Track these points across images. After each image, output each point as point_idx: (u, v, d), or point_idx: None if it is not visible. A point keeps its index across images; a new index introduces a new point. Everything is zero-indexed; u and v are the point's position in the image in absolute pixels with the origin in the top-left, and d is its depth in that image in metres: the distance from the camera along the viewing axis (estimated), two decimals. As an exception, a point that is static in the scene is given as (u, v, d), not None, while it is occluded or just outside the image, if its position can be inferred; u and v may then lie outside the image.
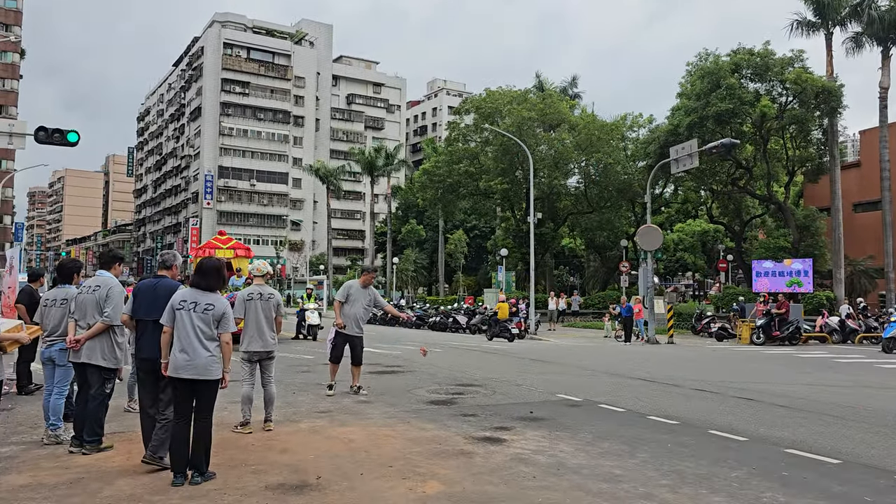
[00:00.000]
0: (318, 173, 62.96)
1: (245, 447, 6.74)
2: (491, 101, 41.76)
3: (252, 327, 7.66)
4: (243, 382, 7.69)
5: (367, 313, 10.10)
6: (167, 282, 6.06)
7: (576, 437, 7.32)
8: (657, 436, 7.48)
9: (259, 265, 8.11)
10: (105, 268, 6.73)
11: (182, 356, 5.43)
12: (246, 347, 7.67)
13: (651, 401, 9.95)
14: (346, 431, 7.50)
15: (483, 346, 21.27)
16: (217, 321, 5.54)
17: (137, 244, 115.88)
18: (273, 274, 8.67)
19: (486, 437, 7.26)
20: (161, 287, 5.96)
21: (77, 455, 6.39)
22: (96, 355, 6.40)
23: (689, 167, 21.42)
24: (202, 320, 5.50)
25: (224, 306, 5.59)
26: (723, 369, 14.84)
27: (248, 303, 7.72)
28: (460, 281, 64.82)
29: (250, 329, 7.66)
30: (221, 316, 5.56)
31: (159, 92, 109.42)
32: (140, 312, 5.95)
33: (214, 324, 5.52)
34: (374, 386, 11.13)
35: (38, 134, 18.50)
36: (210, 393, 5.58)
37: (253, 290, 7.85)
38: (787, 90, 34.57)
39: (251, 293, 7.82)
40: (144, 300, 5.96)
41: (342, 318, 9.84)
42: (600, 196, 42.86)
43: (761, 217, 46.12)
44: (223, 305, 5.60)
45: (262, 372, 7.79)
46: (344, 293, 9.99)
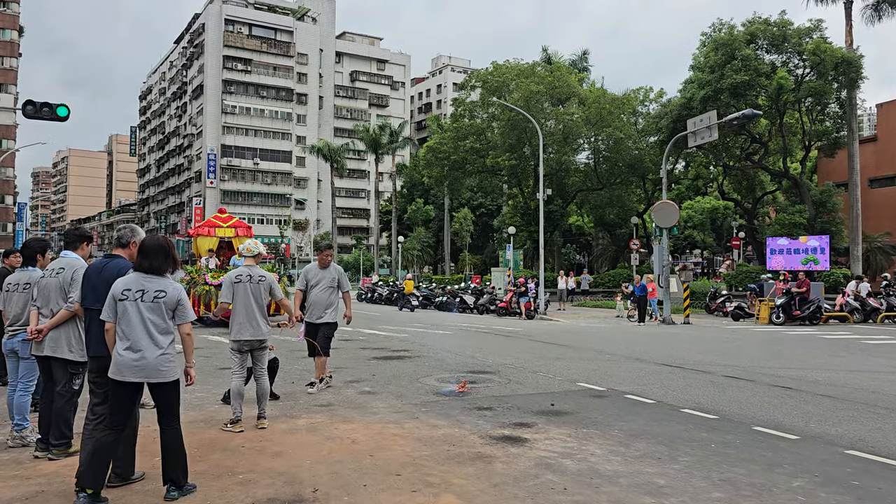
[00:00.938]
0: (321, 152, 61.97)
1: (234, 450, 5.96)
2: (498, 74, 40.58)
3: (241, 313, 6.85)
4: (232, 375, 6.90)
5: (333, 295, 8.72)
6: (117, 263, 5.08)
7: (606, 436, 6.52)
8: (696, 434, 6.67)
9: (249, 244, 7.22)
10: (70, 248, 5.91)
11: (128, 355, 4.54)
12: (235, 336, 6.86)
13: (681, 390, 9.14)
14: (348, 430, 6.71)
15: (493, 327, 20.49)
16: (172, 310, 4.66)
17: (142, 224, 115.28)
18: (265, 255, 7.70)
19: (506, 437, 6.46)
20: (107, 270, 5.01)
21: (42, 461, 5.64)
22: (62, 347, 5.61)
23: (707, 140, 20.45)
24: (153, 311, 4.60)
25: (178, 292, 4.71)
26: (749, 352, 14.01)
27: (236, 286, 6.91)
28: (466, 260, 64.01)
29: (239, 315, 6.85)
30: (177, 304, 4.68)
31: (161, 70, 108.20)
32: (86, 300, 5.07)
33: (169, 314, 4.65)
34: (379, 374, 10.36)
35: (27, 108, 17.73)
36: (170, 396, 4.74)
37: (241, 272, 7.01)
38: (804, 61, 33.35)
39: (239, 275, 6.99)
40: (89, 285, 5.07)
41: (309, 307, 8.65)
42: (610, 172, 41.81)
43: (773, 193, 45.03)
44: (177, 291, 4.71)
45: (253, 363, 7.01)
46: (303, 280, 8.81)
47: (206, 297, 17.37)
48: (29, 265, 6.34)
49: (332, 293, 8.73)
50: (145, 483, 4.99)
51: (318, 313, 8.61)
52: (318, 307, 8.61)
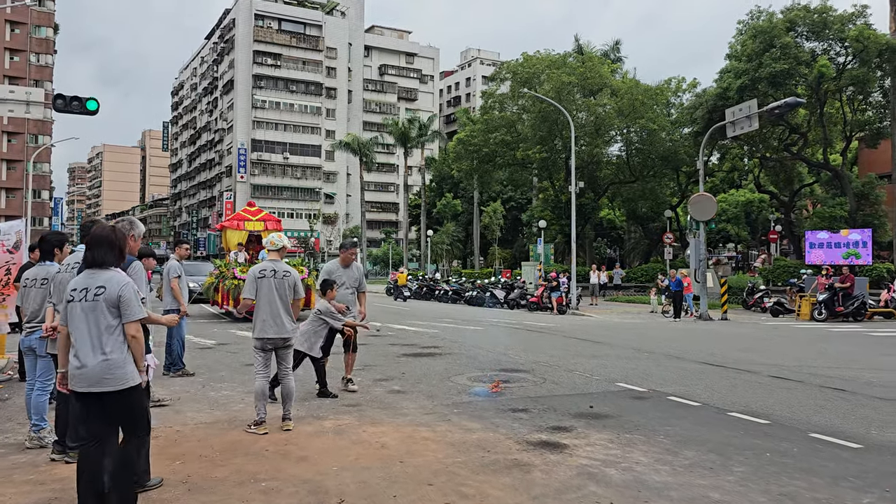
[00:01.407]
0: (350, 147, 61.87)
1: (257, 454, 5.66)
2: (528, 66, 39.96)
3: (265, 310, 6.52)
4: (256, 375, 6.59)
5: (353, 296, 8.47)
6: None
7: (651, 442, 6.10)
8: (748, 440, 6.22)
9: (273, 238, 6.88)
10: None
11: (73, 362, 3.99)
12: (258, 334, 6.53)
13: (727, 391, 8.67)
14: (376, 432, 6.38)
15: (525, 323, 20.08)
16: (114, 307, 3.99)
17: (174, 218, 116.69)
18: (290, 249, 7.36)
19: (543, 442, 6.08)
20: None
21: (59, 464, 5.40)
22: None
23: (746, 130, 19.74)
24: (94, 310, 3.98)
25: (120, 286, 4.02)
26: (793, 350, 13.43)
27: (259, 281, 6.57)
28: (496, 254, 63.50)
29: (262, 312, 6.53)
30: (118, 300, 3.99)
31: (192, 66, 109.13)
32: None
33: (111, 312, 4.00)
34: (409, 372, 10.03)
35: (57, 102, 17.65)
36: (123, 407, 4.02)
37: (266, 267, 6.68)
38: (846, 49, 32.29)
39: (263, 269, 6.65)
40: None
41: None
42: (643, 164, 40.98)
43: (810, 186, 43.84)
44: (118, 285, 4.02)
45: (278, 362, 6.69)
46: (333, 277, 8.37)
47: (235, 291, 17.13)
48: (47, 259, 6.12)
49: (353, 293, 8.50)
50: (162, 491, 4.71)
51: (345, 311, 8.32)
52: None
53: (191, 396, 8.07)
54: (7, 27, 69.03)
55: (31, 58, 70.43)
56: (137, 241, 4.80)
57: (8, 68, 68.01)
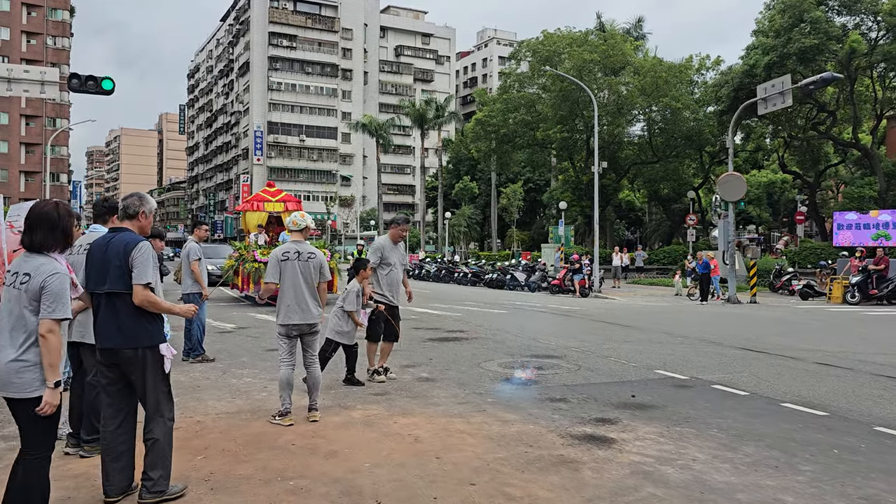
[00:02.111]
0: (366, 128, 61.37)
1: (283, 448, 5.29)
2: (549, 44, 39.15)
3: (289, 294, 6.11)
4: (280, 363, 6.19)
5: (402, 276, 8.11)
6: (123, 237, 4.07)
7: (704, 436, 5.67)
8: (810, 435, 5.77)
9: (296, 217, 6.45)
10: (99, 221, 5.29)
11: None
12: (283, 320, 6.11)
13: (774, 380, 8.20)
14: (408, 424, 5.99)
15: (549, 306, 19.62)
16: (35, 300, 3.36)
17: (191, 201, 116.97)
18: (313, 229, 6.88)
19: (588, 435, 5.66)
20: (113, 247, 4.04)
21: (73, 458, 5.06)
22: (90, 332, 4.98)
23: (779, 107, 19.04)
24: (18, 301, 3.39)
25: (45, 276, 3.37)
26: (833, 335, 12.90)
27: (283, 264, 6.14)
28: (514, 236, 62.96)
29: (287, 297, 6.10)
30: (39, 291, 3.35)
31: (208, 48, 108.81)
32: (90, 283, 4.14)
33: (31, 306, 3.37)
34: (437, 357, 9.64)
35: (72, 82, 17.34)
36: (27, 418, 3.40)
37: (289, 248, 6.24)
38: (878, 23, 31.31)
39: (286, 251, 6.22)
40: (93, 265, 4.15)
41: (383, 286, 7.81)
42: (666, 144, 40.18)
43: (835, 166, 42.85)
44: (44, 273, 3.39)
45: (304, 350, 6.28)
46: (377, 255, 7.80)
47: (256, 274, 16.67)
48: None
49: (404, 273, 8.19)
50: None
51: (397, 294, 7.98)
52: (396, 287, 7.96)
53: (212, 384, 7.73)
54: (24, 10, 68.94)
55: (48, 41, 70.36)
56: (149, 219, 4.36)
57: (25, 51, 67.99)
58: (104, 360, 4.13)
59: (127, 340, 4.02)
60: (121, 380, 4.13)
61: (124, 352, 4.03)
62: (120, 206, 4.36)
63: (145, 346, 4.06)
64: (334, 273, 16.31)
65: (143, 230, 4.28)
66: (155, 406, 4.12)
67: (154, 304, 4.05)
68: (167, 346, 4.18)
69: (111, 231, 4.32)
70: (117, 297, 4.02)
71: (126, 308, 4.02)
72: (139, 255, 4.00)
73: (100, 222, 5.26)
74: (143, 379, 4.08)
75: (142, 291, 3.98)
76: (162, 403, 4.15)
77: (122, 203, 4.36)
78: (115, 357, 4.06)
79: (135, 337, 4.03)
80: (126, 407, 4.18)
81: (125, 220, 4.30)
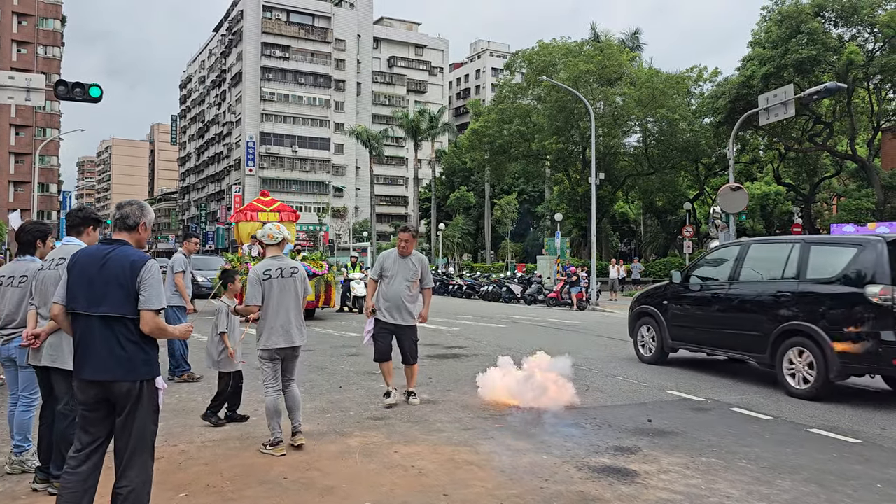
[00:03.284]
0: (359, 137, 61.01)
1: (275, 482, 4.81)
2: (544, 54, 38.93)
3: (273, 316, 5.59)
4: (266, 389, 5.65)
5: (412, 291, 7.31)
6: (126, 253, 3.59)
7: (733, 468, 5.21)
8: (847, 466, 5.33)
9: (271, 229, 5.82)
10: (73, 232, 4.79)
11: None
12: (267, 344, 5.58)
13: (795, 402, 7.74)
14: (411, 454, 5.52)
15: (548, 320, 19.18)
16: None
17: (182, 212, 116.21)
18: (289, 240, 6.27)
19: (608, 467, 5.20)
20: (115, 263, 3.54)
21: (42, 495, 4.58)
22: (63, 356, 4.50)
23: (782, 117, 18.74)
24: None
25: None
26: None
27: (265, 283, 5.59)
28: (508, 247, 62.57)
29: (270, 318, 5.58)
30: None
31: (200, 58, 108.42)
32: (77, 303, 3.57)
33: None
34: (437, 377, 9.18)
35: (59, 89, 16.84)
36: None
37: (269, 266, 5.67)
38: (875, 35, 31.19)
39: (267, 269, 5.64)
40: (84, 283, 3.55)
41: (379, 300, 7.28)
42: (662, 156, 39.94)
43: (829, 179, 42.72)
44: None
45: (282, 371, 5.74)
46: (377, 268, 7.39)
47: None
48: (27, 253, 5.22)
49: (413, 289, 7.32)
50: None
51: (394, 312, 7.22)
52: (394, 302, 7.21)
53: (198, 406, 7.21)
54: (14, 19, 68.39)
55: (39, 50, 69.80)
56: (148, 231, 3.83)
57: (15, 60, 67.32)
58: (92, 394, 3.51)
59: (126, 372, 3.47)
60: (106, 418, 3.55)
61: (121, 385, 3.47)
62: (116, 215, 3.78)
63: (144, 379, 3.52)
64: (332, 287, 15.82)
65: (140, 244, 3.76)
66: (140, 449, 3.52)
67: (164, 331, 3.61)
68: (161, 378, 3.67)
69: (105, 243, 3.72)
70: (117, 321, 3.48)
71: (127, 334, 3.49)
72: (149, 275, 3.51)
73: (74, 234, 4.77)
74: (135, 416, 3.50)
75: (153, 318, 3.49)
76: (147, 446, 3.58)
77: (120, 212, 3.76)
78: (108, 391, 3.48)
79: (134, 368, 3.49)
80: (103, 446, 3.61)
81: (122, 231, 3.74)
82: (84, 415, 3.57)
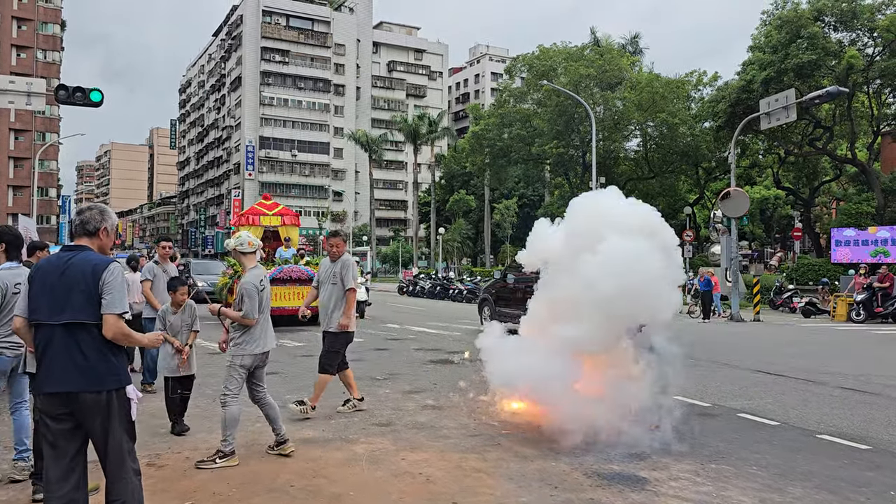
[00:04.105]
0: (358, 141, 61.01)
1: (282, 490, 4.76)
2: (545, 58, 38.98)
3: (263, 324, 5.62)
4: (232, 399, 5.46)
5: (335, 296, 7.01)
6: (88, 258, 3.44)
7: (744, 475, 5.16)
8: (858, 473, 5.28)
9: (247, 237, 5.75)
10: None
11: None
12: (257, 349, 5.50)
13: (801, 407, 7.72)
14: (418, 461, 5.47)
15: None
16: None
17: (182, 216, 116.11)
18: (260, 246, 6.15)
19: (617, 474, 5.15)
20: (75, 268, 3.39)
21: (46, 504, 4.49)
22: None
23: (784, 121, 18.76)
24: None
25: None
26: (848, 356, 12.47)
27: (262, 294, 5.56)
28: (507, 252, 62.52)
29: (260, 326, 5.57)
30: None
31: (200, 63, 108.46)
32: (39, 313, 3.39)
33: None
34: (441, 382, 9.12)
35: (59, 93, 16.86)
36: None
37: (261, 276, 5.65)
38: (875, 39, 31.25)
39: (262, 279, 5.62)
40: (45, 291, 3.40)
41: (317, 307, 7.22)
42: (662, 160, 39.97)
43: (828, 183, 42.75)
44: None
45: (256, 380, 5.68)
46: (317, 277, 7.38)
47: None
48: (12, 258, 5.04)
49: (336, 294, 7.01)
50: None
51: (323, 318, 7.09)
52: (322, 311, 7.10)
53: (201, 412, 7.17)
54: (14, 23, 68.38)
55: (38, 54, 69.78)
56: (111, 237, 3.68)
57: (15, 65, 67.32)
58: (55, 407, 3.32)
59: (90, 382, 3.29)
60: (75, 429, 3.35)
61: (85, 396, 3.29)
62: (76, 221, 3.63)
63: (111, 389, 3.33)
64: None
65: (103, 250, 3.59)
66: (119, 462, 3.36)
67: (128, 336, 3.41)
68: (133, 387, 3.48)
69: (66, 250, 3.55)
70: (80, 328, 3.32)
71: (91, 342, 3.32)
72: (111, 278, 3.37)
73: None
74: (107, 429, 3.32)
75: (116, 322, 3.32)
76: (127, 459, 3.40)
77: (80, 217, 3.60)
78: (73, 403, 3.30)
79: (99, 378, 3.31)
80: (81, 462, 3.39)
81: (83, 236, 3.56)
82: (50, 428, 3.33)
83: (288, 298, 15.58)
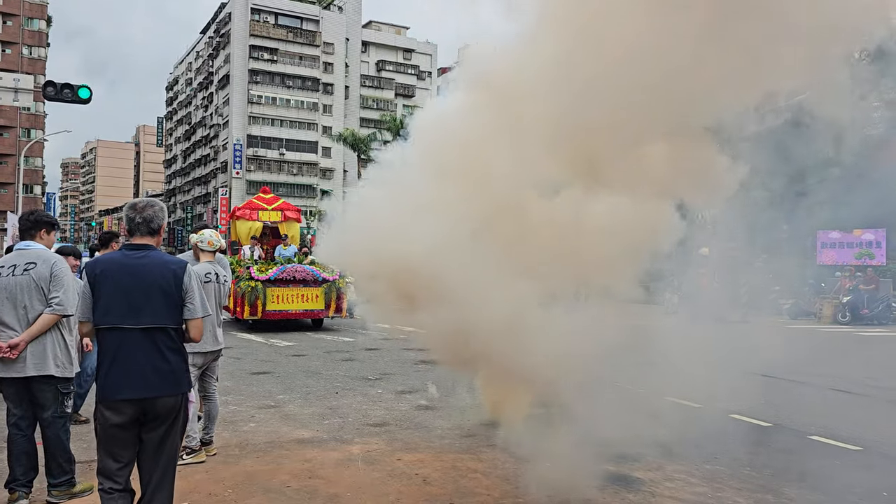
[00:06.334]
0: (346, 141, 60.84)
1: (278, 491, 4.75)
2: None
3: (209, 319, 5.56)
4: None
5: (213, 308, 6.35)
6: (163, 259, 3.45)
7: (738, 476, 5.21)
8: (850, 473, 5.33)
9: (209, 235, 5.77)
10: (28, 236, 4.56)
11: None
12: (199, 347, 5.35)
13: (794, 409, 7.78)
14: (414, 461, 5.46)
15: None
16: None
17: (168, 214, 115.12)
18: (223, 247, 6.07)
19: (612, 474, 5.18)
20: (153, 270, 3.37)
21: (39, 507, 4.46)
22: (47, 363, 4.38)
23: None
24: None
25: None
26: (837, 357, 12.61)
27: (206, 286, 5.45)
28: (496, 252, 62.68)
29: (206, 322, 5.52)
30: None
31: (187, 60, 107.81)
32: (112, 314, 3.29)
33: None
34: (433, 382, 9.11)
35: (47, 90, 16.74)
36: None
37: (209, 269, 5.61)
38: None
39: (208, 273, 5.58)
40: (118, 292, 3.31)
41: None
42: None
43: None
44: None
45: (206, 379, 5.71)
46: None
47: (252, 294, 14.26)
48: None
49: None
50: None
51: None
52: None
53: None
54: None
55: (24, 50, 68.99)
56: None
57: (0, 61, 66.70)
58: (129, 414, 3.27)
59: (171, 386, 3.33)
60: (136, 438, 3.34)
61: (165, 400, 3.31)
62: (136, 218, 3.49)
63: (185, 392, 3.43)
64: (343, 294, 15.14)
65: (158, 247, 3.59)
66: (170, 467, 3.41)
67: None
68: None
69: (130, 248, 3.46)
70: (160, 332, 3.31)
71: (170, 345, 3.35)
72: (191, 283, 3.45)
73: (28, 237, 4.58)
74: (170, 433, 3.38)
75: (201, 325, 3.52)
76: (175, 464, 3.47)
77: (141, 215, 3.49)
78: (151, 408, 3.29)
79: (178, 381, 3.36)
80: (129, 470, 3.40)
81: (146, 235, 3.50)
82: (115, 437, 3.28)
83: (290, 301, 14.46)
